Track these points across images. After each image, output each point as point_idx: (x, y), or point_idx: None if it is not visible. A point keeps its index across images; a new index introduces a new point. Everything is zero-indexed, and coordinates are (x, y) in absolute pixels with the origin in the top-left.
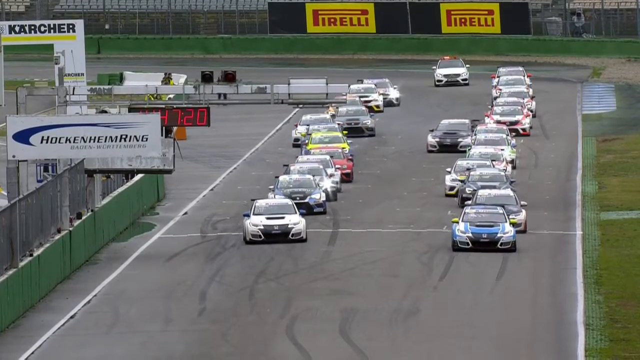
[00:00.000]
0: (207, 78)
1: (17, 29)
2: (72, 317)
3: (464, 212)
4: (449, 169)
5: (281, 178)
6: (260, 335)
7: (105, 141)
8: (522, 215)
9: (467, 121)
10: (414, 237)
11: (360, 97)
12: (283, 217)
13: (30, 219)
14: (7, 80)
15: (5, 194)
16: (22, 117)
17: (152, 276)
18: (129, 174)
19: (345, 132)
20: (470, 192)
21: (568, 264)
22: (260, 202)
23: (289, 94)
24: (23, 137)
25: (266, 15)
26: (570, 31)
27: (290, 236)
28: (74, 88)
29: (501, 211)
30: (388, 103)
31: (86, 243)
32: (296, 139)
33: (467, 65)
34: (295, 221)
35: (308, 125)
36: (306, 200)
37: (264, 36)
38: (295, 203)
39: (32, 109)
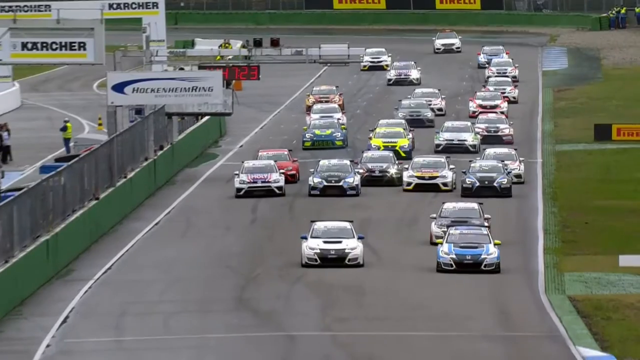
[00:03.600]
0: (257, 43)
1: (114, 6)
2: (156, 224)
3: (448, 233)
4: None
5: (321, 162)
6: (297, 238)
7: (180, 91)
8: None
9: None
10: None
11: (373, 58)
12: (340, 242)
13: (124, 150)
14: (106, 45)
15: (106, 131)
16: (118, 73)
17: (215, 194)
18: (198, 116)
19: (343, 126)
20: (470, 183)
21: (531, 184)
22: (319, 225)
23: (320, 56)
24: (119, 88)
25: None
26: (534, 7)
27: (346, 261)
28: (157, 51)
29: (485, 232)
30: (409, 82)
31: (166, 168)
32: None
33: (460, 37)
34: (352, 246)
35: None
36: (341, 184)
37: (301, 11)
38: (330, 186)
39: (125, 67)
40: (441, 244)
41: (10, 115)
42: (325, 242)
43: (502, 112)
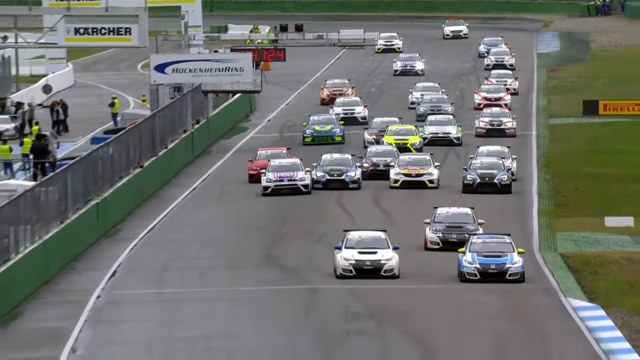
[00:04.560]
0: (283, 28)
1: None
2: (193, 190)
3: (471, 242)
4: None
5: (323, 157)
6: (320, 205)
7: (214, 71)
8: (480, 233)
9: (397, 119)
10: None
11: (386, 41)
12: (375, 252)
13: (165, 123)
14: (149, 30)
15: (149, 106)
16: (160, 55)
17: (246, 164)
18: (230, 93)
19: (341, 122)
20: (471, 179)
21: (527, 154)
22: (353, 235)
23: (339, 39)
24: (160, 68)
25: None
26: None
27: (382, 272)
28: (194, 35)
29: (508, 240)
30: (414, 73)
31: (202, 140)
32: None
33: (467, 24)
34: (387, 257)
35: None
36: (343, 177)
37: (321, 0)
38: (332, 179)
39: (166, 50)
40: (463, 253)
41: (65, 93)
42: (360, 252)
43: (505, 104)
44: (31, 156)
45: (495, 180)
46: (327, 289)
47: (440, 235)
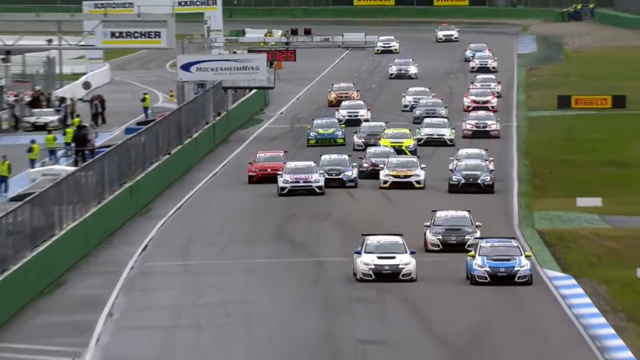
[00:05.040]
0: (294, 32)
1: (182, 3)
2: (214, 174)
3: (480, 246)
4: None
5: (322, 157)
6: (326, 191)
7: (233, 70)
8: (477, 236)
9: (383, 124)
10: None
11: (384, 44)
12: (394, 257)
13: (190, 115)
14: (175, 33)
15: (176, 101)
16: (186, 55)
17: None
18: (247, 89)
19: (343, 125)
20: (456, 180)
21: (508, 143)
22: (372, 240)
23: (342, 42)
24: (186, 67)
25: None
26: (510, 4)
27: (400, 276)
28: (215, 38)
29: (515, 244)
30: (408, 76)
31: (222, 130)
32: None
33: (457, 29)
34: (405, 261)
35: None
36: (340, 176)
37: (328, 7)
38: (331, 178)
39: (191, 51)
40: (473, 256)
41: (102, 89)
42: (379, 257)
43: (492, 107)
44: (73, 144)
45: (479, 181)
46: (332, 261)
47: (440, 237)
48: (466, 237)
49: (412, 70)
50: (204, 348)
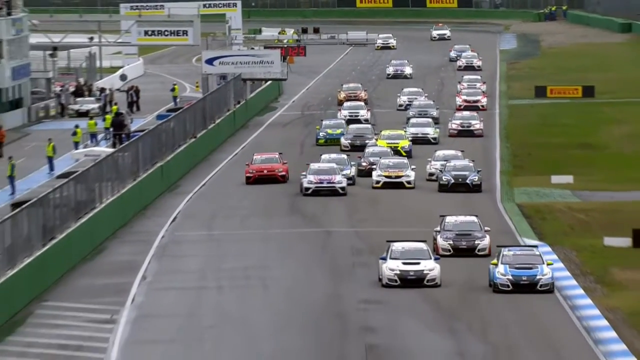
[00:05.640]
0: (304, 31)
1: (207, 5)
2: (235, 155)
3: (502, 255)
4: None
5: (322, 156)
6: None
7: (251, 64)
8: (486, 241)
9: (370, 126)
10: None
11: (383, 41)
12: (419, 263)
13: (213, 104)
14: (201, 32)
15: (201, 91)
16: (210, 51)
17: (276, 136)
18: (263, 80)
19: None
20: (446, 180)
21: (491, 128)
22: (397, 246)
23: (347, 39)
24: (210, 61)
25: None
26: (493, 6)
27: (425, 282)
28: (235, 36)
29: (537, 252)
30: (404, 76)
31: (242, 116)
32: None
33: (450, 29)
34: (430, 267)
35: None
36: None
37: (334, 8)
38: None
39: (214, 47)
40: (495, 265)
41: (137, 80)
42: (404, 263)
43: (482, 106)
44: (111, 129)
45: (467, 181)
46: (338, 231)
47: (451, 242)
48: (476, 242)
49: (408, 70)
50: (225, 306)
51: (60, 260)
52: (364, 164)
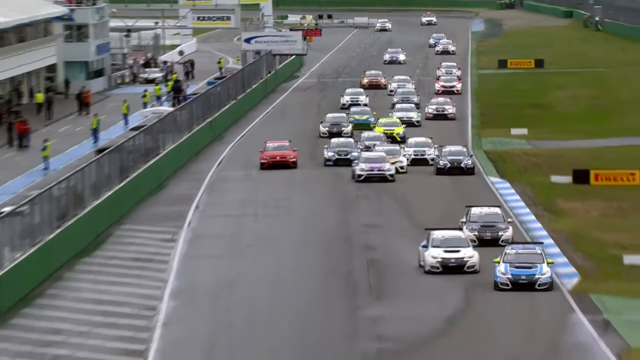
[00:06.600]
0: (320, 17)
1: None
2: (266, 113)
3: (505, 253)
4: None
5: (332, 140)
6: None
7: (279, 42)
8: (509, 232)
9: (345, 115)
10: None
11: (382, 24)
12: (459, 251)
13: (250, 73)
14: (241, 17)
15: (240, 64)
16: (247, 33)
17: (298, 98)
18: (288, 55)
19: (374, 112)
20: (443, 164)
21: (464, 92)
22: (437, 235)
23: (353, 23)
24: (248, 40)
25: None
26: None
27: (465, 269)
28: (267, 21)
29: (539, 251)
30: (398, 62)
31: (272, 83)
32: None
33: (436, 16)
34: (470, 254)
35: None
36: (348, 156)
37: None
38: (339, 159)
39: (250, 29)
40: (498, 263)
41: (192, 55)
42: (445, 251)
43: (457, 90)
44: (171, 93)
45: (462, 165)
46: (347, 171)
47: (477, 233)
48: (499, 233)
49: (402, 57)
50: (259, 230)
51: (133, 193)
52: (360, 147)
